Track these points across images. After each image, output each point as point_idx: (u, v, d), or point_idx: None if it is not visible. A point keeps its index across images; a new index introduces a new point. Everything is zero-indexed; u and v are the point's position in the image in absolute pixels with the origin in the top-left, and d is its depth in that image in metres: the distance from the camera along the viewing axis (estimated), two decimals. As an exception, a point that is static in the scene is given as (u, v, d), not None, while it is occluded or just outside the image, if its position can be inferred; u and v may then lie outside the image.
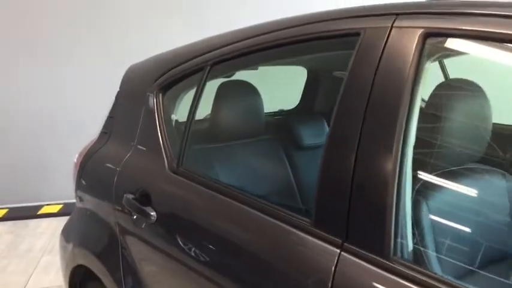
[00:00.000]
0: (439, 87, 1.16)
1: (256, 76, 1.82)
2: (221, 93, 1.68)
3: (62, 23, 4.15)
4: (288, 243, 1.06)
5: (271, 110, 2.46)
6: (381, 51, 1.01)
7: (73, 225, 1.90)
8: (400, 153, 0.92)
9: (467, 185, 1.16)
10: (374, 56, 1.02)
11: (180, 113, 1.67)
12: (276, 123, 2.24)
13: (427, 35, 0.97)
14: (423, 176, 1.09)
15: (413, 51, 0.96)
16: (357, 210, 0.95)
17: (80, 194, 1.88)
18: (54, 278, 3.13)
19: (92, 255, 1.71)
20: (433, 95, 1.14)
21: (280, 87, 2.51)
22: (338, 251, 0.96)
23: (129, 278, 1.57)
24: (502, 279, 0.95)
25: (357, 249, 0.93)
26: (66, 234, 1.93)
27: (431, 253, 1.00)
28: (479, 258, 1.07)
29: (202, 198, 1.35)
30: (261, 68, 1.83)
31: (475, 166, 1.21)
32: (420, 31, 0.97)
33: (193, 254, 1.31)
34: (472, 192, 1.16)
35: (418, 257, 0.95)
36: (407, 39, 0.98)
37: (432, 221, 1.05)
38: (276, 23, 1.31)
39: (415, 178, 1.04)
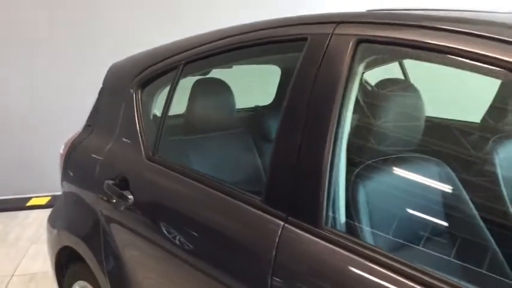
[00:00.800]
0: (377, 85, 1.34)
1: (239, 74, 1.99)
2: (196, 90, 1.84)
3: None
4: (244, 218, 1.24)
5: (250, 106, 2.63)
6: (323, 53, 1.19)
7: (59, 211, 2.06)
8: (333, 141, 1.10)
9: (402, 170, 1.33)
10: (317, 57, 1.19)
11: (158, 108, 1.84)
12: (248, 117, 2.41)
13: (360, 41, 1.14)
14: (362, 161, 1.27)
15: (347, 55, 1.14)
16: (298, 190, 1.13)
17: (65, 182, 2.04)
18: (42, 265, 3.28)
19: (77, 237, 1.88)
20: (371, 92, 1.32)
21: (263, 85, 2.70)
22: (282, 223, 1.13)
23: (110, 258, 1.73)
24: (428, 251, 1.12)
25: (296, 221, 1.11)
26: (53, 219, 2.09)
27: (364, 227, 1.17)
28: (408, 234, 1.24)
29: (174, 182, 1.52)
30: (247, 67, 1.99)
31: (411, 155, 1.38)
32: (354, 38, 1.15)
33: (166, 233, 1.48)
34: (406, 176, 1.34)
35: (350, 229, 1.13)
36: (344, 44, 1.16)
37: (368, 200, 1.23)
38: (240, 28, 1.49)
39: (354, 164, 1.22)
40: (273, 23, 1.40)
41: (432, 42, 1.02)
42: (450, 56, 0.99)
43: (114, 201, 1.65)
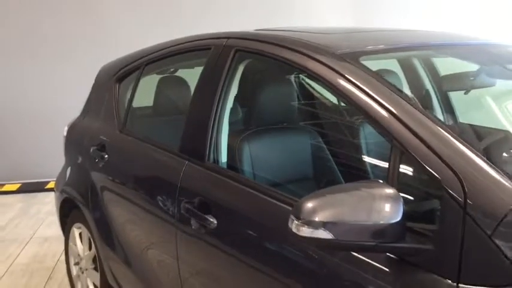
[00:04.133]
0: (260, 80, 2.03)
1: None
2: (160, 84, 2.55)
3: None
4: (168, 162, 1.94)
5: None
6: (218, 57, 1.88)
7: (62, 173, 2.80)
8: (217, 114, 1.77)
9: (279, 135, 2.00)
10: (215, 59, 1.89)
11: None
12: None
13: (237, 50, 1.83)
14: (249, 128, 1.95)
15: (229, 58, 1.83)
16: (194, 143, 1.83)
17: (66, 153, 2.78)
18: (56, 231, 4.02)
19: (73, 190, 2.61)
20: (256, 86, 2.00)
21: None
22: (186, 162, 1.83)
23: (95, 205, 2.43)
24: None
25: (193, 160, 1.80)
26: (58, 179, 2.83)
27: (240, 166, 1.82)
28: (280, 177, 1.89)
29: (136, 147, 2.23)
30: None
31: (288, 125, 2.05)
32: (234, 48, 1.84)
33: (127, 181, 2.20)
34: (282, 139, 2.00)
35: (229, 166, 1.80)
36: (229, 52, 1.85)
37: (251, 154, 1.89)
38: (178, 40, 2.19)
39: (242, 130, 1.90)
40: (195, 37, 2.10)
41: (271, 52, 1.70)
42: (280, 61, 1.67)
43: (97, 160, 2.38)
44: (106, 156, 2.32)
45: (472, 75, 1.73)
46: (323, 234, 1.07)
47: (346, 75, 1.40)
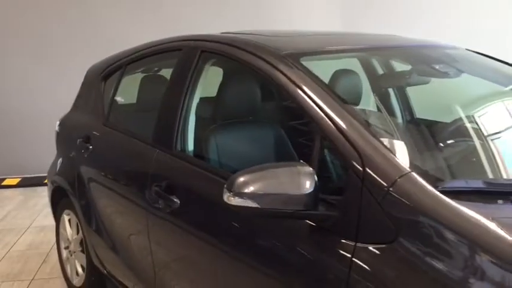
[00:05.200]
0: (225, 78, 2.26)
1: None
2: (142, 82, 2.79)
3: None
4: (142, 155, 2.17)
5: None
6: (187, 57, 2.11)
7: (54, 165, 3.04)
8: (184, 108, 2.00)
9: (243, 128, 2.22)
10: (185, 59, 2.12)
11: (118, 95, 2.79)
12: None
13: (202, 51, 2.07)
14: (215, 122, 2.17)
15: (196, 58, 2.06)
16: (164, 133, 2.06)
17: (57, 145, 3.03)
18: (52, 222, 4.25)
19: (62, 178, 2.85)
20: (221, 84, 2.23)
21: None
22: (157, 150, 2.06)
23: (81, 193, 2.67)
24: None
25: (162, 148, 2.04)
26: (50, 169, 3.07)
27: (205, 154, 2.06)
28: (242, 164, 2.11)
29: (117, 138, 2.47)
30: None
31: (252, 119, 2.28)
32: (200, 49, 2.07)
33: (109, 170, 2.44)
34: (245, 132, 2.23)
35: (195, 153, 2.03)
36: (196, 52, 2.08)
37: (217, 144, 2.12)
38: (154, 42, 2.43)
39: (208, 123, 2.13)
40: (169, 39, 2.34)
41: (228, 52, 1.93)
42: (235, 60, 1.90)
43: (83, 151, 2.62)
44: (91, 147, 2.56)
45: (407, 74, 1.95)
46: (250, 203, 1.30)
47: (285, 73, 1.63)
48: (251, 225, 1.56)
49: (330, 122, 1.40)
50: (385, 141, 1.32)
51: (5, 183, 5.45)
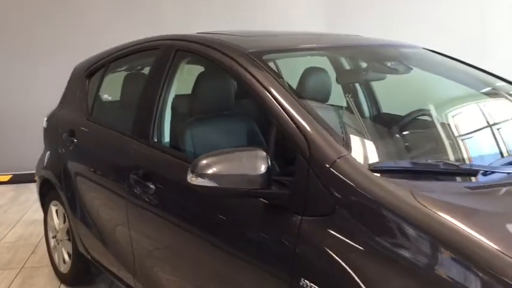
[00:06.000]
0: (201, 74, 2.43)
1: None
2: (125, 80, 2.95)
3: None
4: (122, 146, 2.33)
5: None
6: (163, 55, 2.28)
7: (42, 159, 3.20)
8: (160, 103, 2.16)
9: (218, 121, 2.39)
10: (163, 57, 2.28)
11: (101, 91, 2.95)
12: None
13: (177, 50, 2.23)
14: (190, 116, 2.34)
15: (171, 56, 2.23)
16: (142, 126, 2.22)
17: (45, 140, 3.19)
18: (42, 215, 4.41)
19: (49, 171, 3.01)
20: (195, 81, 2.39)
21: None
22: (136, 142, 2.23)
23: (67, 185, 2.83)
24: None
25: (140, 139, 2.20)
26: (38, 163, 3.23)
27: (181, 144, 2.22)
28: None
29: (99, 131, 2.63)
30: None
31: (226, 114, 2.44)
32: (175, 48, 2.24)
33: (92, 161, 2.60)
34: (221, 124, 2.39)
35: (171, 144, 2.20)
36: (171, 51, 2.24)
37: (192, 136, 2.28)
38: (133, 42, 2.59)
39: (182, 118, 2.30)
40: (148, 39, 2.51)
41: (199, 51, 2.10)
42: (206, 58, 2.07)
43: (68, 145, 2.78)
44: (75, 141, 2.72)
45: (364, 71, 2.14)
46: (209, 183, 1.47)
47: (248, 69, 1.80)
48: (215, 206, 1.73)
49: (283, 113, 1.58)
50: (329, 128, 1.50)
51: (-4, 179, 5.60)
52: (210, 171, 1.47)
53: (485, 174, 1.43)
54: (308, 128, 1.50)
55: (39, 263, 3.39)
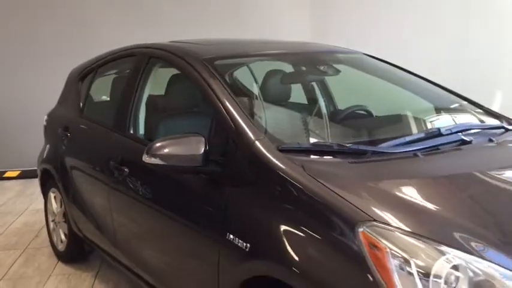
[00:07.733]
0: (172, 77, 2.84)
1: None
2: (112, 82, 3.38)
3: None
4: (105, 138, 2.76)
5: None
6: (138, 61, 2.70)
7: (42, 152, 3.65)
8: (135, 101, 2.59)
9: (187, 117, 2.79)
10: (139, 63, 2.71)
11: (92, 92, 3.39)
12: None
13: (150, 57, 2.65)
14: (163, 113, 2.75)
15: (144, 62, 2.65)
16: (120, 120, 2.65)
17: (45, 136, 3.64)
18: (46, 206, 4.88)
19: (48, 163, 3.46)
20: (169, 82, 2.81)
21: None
22: (115, 133, 2.65)
23: (63, 175, 3.26)
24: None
25: (120, 132, 2.62)
26: (39, 157, 3.68)
27: (154, 135, 2.63)
28: None
29: (89, 126, 3.07)
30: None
31: (194, 111, 2.85)
32: (148, 55, 2.66)
33: (83, 152, 3.03)
34: (189, 119, 2.80)
35: (146, 135, 2.62)
36: (146, 58, 2.66)
37: (163, 126, 2.69)
38: (116, 49, 3.02)
39: (155, 114, 2.71)
40: (128, 47, 2.93)
41: (166, 57, 2.51)
42: (171, 64, 2.48)
43: (63, 138, 3.22)
44: (69, 135, 3.16)
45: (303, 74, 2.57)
46: (159, 161, 1.89)
47: (200, 72, 2.21)
48: (169, 183, 2.17)
49: (221, 107, 1.99)
50: (252, 117, 1.91)
51: (6, 175, 6.07)
52: (161, 152, 1.89)
53: (374, 153, 1.83)
54: (236, 116, 1.91)
55: (41, 245, 3.84)
